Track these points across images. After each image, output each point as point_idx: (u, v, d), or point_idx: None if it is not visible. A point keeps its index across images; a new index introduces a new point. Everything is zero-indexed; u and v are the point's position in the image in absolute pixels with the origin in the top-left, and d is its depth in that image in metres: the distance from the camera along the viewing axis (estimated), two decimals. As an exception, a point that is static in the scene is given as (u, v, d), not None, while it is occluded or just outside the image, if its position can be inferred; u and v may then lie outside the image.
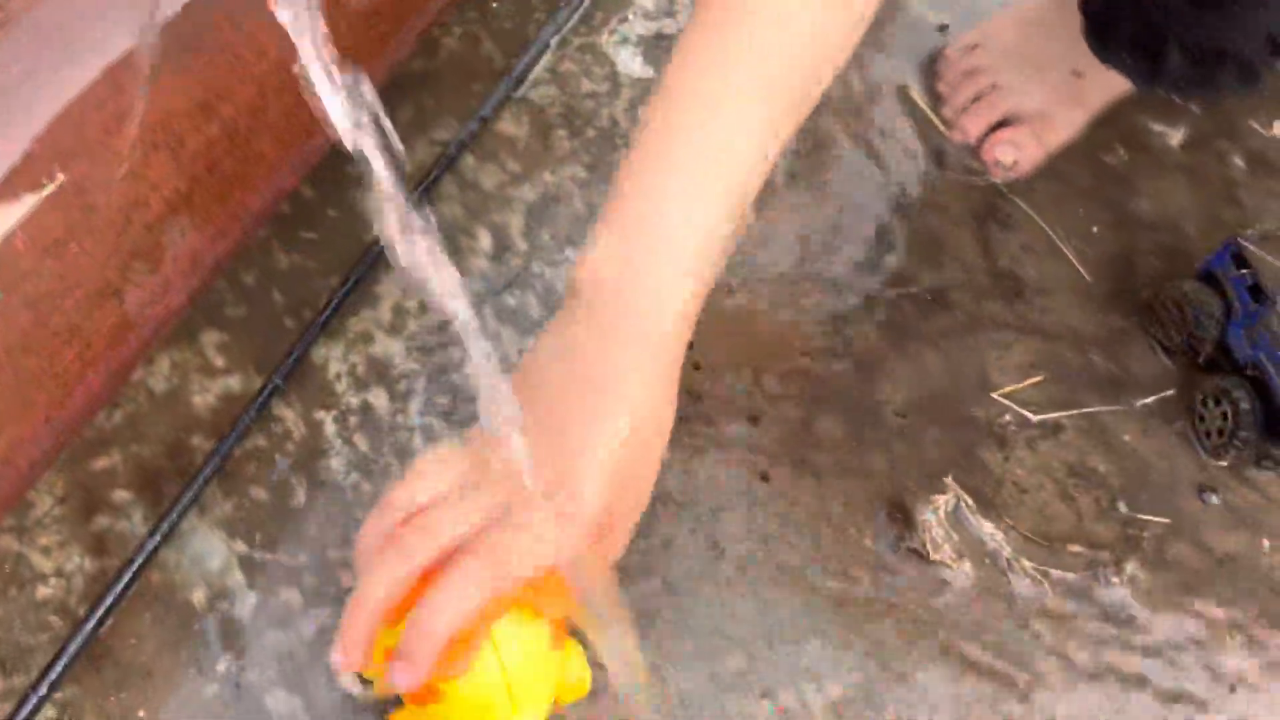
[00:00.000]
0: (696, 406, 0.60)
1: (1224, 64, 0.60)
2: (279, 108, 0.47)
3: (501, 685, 0.43)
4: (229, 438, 0.54)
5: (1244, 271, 0.60)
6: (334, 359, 0.60)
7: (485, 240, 0.65)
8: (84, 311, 0.41)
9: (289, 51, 0.37)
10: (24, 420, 0.40)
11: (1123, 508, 0.59)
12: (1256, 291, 0.59)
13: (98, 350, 0.42)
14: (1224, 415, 0.58)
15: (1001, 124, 0.70)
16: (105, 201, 0.41)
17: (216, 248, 0.47)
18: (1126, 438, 0.62)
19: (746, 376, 0.62)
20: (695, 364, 0.62)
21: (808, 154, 0.70)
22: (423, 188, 0.65)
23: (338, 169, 0.58)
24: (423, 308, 0.62)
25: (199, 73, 0.43)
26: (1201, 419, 0.60)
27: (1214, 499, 0.59)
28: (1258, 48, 0.60)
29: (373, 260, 0.62)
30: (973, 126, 0.70)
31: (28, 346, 0.39)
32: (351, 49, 0.49)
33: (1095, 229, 0.69)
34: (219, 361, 0.59)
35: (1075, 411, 0.62)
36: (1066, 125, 0.71)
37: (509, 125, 0.69)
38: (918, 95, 0.73)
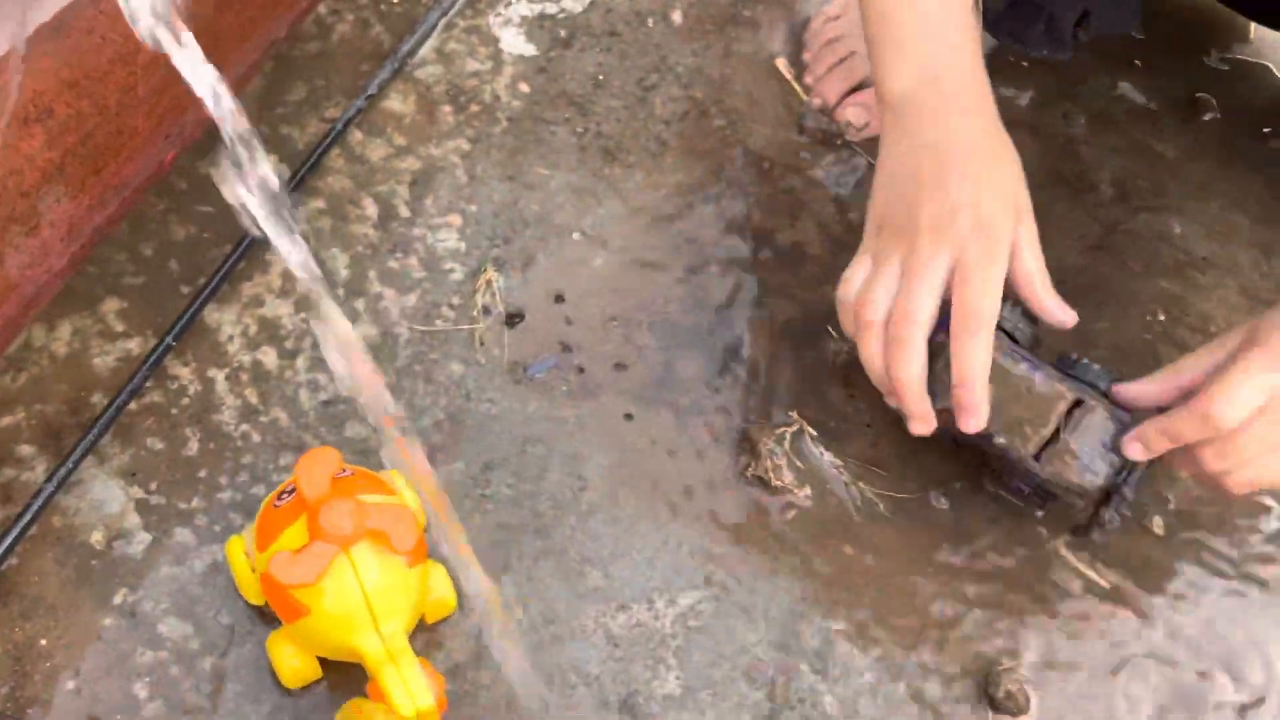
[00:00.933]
0: (567, 357, 0.65)
1: (1037, 19, 0.65)
2: (149, 85, 0.51)
3: (361, 600, 0.48)
4: (124, 391, 0.58)
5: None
6: (227, 322, 0.64)
7: (371, 208, 0.69)
8: None
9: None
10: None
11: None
12: None
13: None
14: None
15: (858, 89, 0.76)
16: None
17: (95, 216, 0.51)
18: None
19: (614, 328, 0.67)
20: (567, 318, 0.67)
21: (679, 121, 0.75)
22: (313, 161, 0.69)
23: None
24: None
25: (68, 54, 0.48)
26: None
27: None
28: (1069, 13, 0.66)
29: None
30: (830, 92, 0.75)
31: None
32: (223, 29, 0.54)
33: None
34: (119, 327, 0.63)
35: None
36: None
37: (395, 102, 0.74)
38: (784, 66, 0.79)
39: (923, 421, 0.55)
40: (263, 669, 0.54)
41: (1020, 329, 0.57)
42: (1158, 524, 0.63)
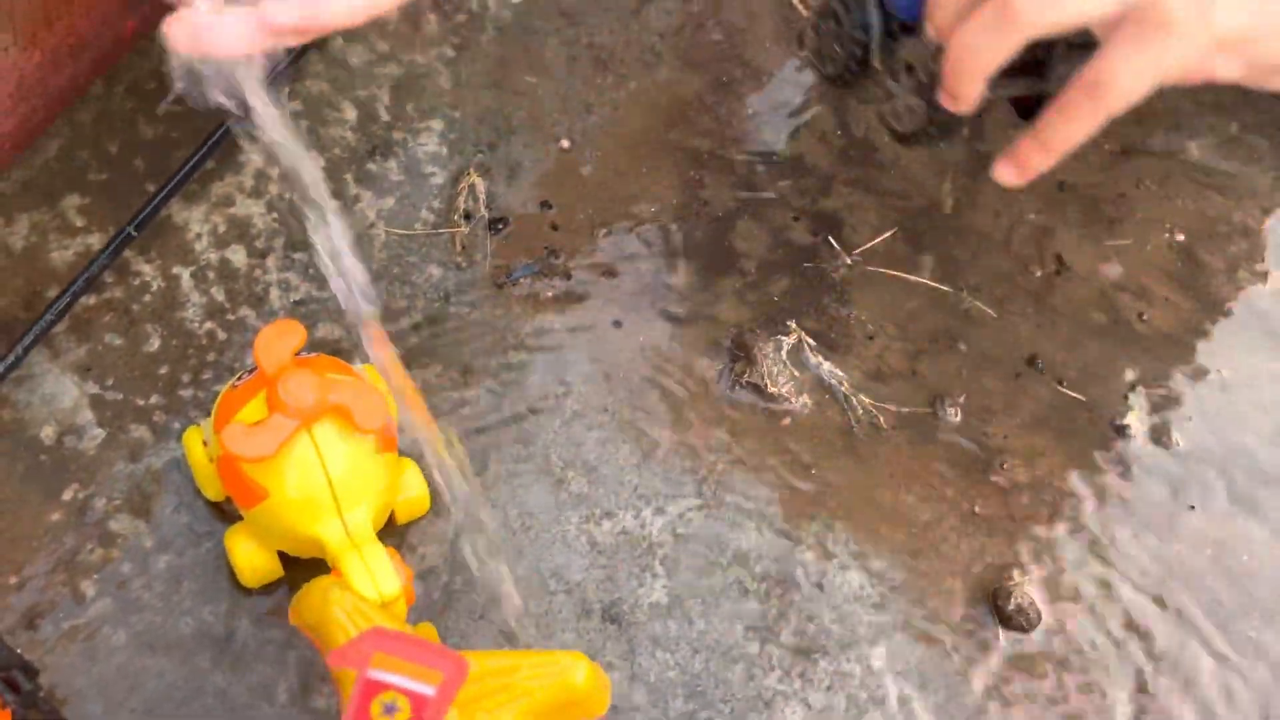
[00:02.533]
0: (553, 263, 0.62)
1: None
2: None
3: (324, 483, 0.45)
4: (77, 281, 0.55)
5: None
6: (195, 220, 0.61)
7: (350, 112, 0.66)
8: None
9: None
10: None
11: (963, 348, 0.61)
12: None
13: None
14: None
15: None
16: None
17: (48, 78, 0.48)
18: (972, 292, 0.64)
19: (603, 236, 0.63)
20: (553, 224, 0.64)
21: (676, 33, 0.72)
22: (290, 62, 0.66)
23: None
24: (283, 176, 0.63)
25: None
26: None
27: (1039, 364, 0.61)
28: None
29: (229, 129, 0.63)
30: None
31: None
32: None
33: (951, 102, 0.72)
34: (79, 222, 0.60)
35: (919, 279, 0.64)
36: None
37: (379, 8, 0.71)
38: (783, -19, 0.76)
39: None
40: (221, 569, 0.50)
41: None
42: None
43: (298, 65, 0.67)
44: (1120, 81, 0.35)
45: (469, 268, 0.61)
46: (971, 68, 0.37)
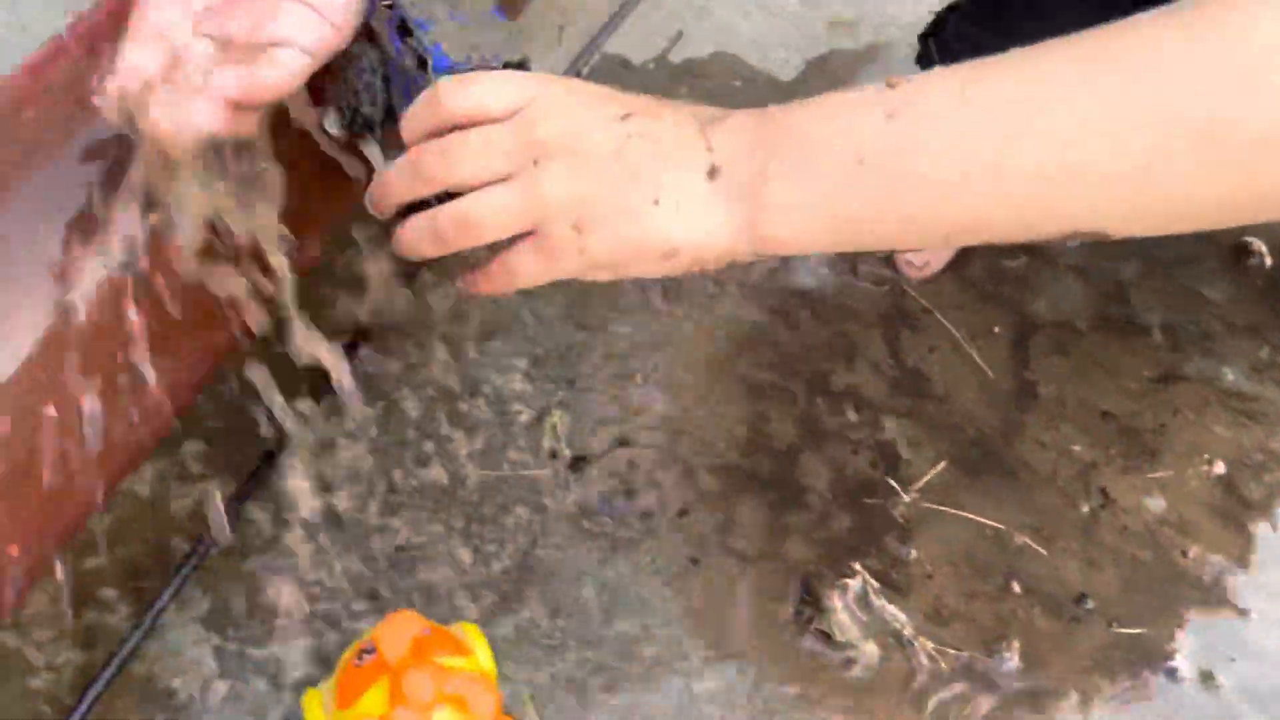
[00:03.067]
0: (632, 502, 0.67)
1: None
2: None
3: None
4: (205, 540, 0.60)
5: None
6: (300, 465, 0.66)
7: (441, 351, 0.72)
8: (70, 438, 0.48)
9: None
10: (30, 537, 0.47)
11: (1017, 589, 0.65)
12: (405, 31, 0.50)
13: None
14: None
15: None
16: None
17: (194, 375, 0.54)
18: (1022, 528, 0.68)
19: (677, 473, 0.68)
20: (630, 461, 0.68)
21: (730, 264, 0.78)
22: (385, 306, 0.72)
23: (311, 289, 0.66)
24: (382, 418, 0.68)
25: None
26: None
27: (1089, 603, 0.65)
28: None
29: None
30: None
31: (29, 473, 0.46)
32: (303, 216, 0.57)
33: (996, 329, 0.76)
34: (197, 469, 0.65)
35: (971, 515, 0.69)
36: None
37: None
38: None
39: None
40: (335, 824, 0.54)
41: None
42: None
43: (390, 302, 0.73)
44: (522, 271, 0.45)
45: (554, 507, 0.66)
46: (394, 192, 0.46)
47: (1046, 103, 0.38)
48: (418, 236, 0.45)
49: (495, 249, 0.46)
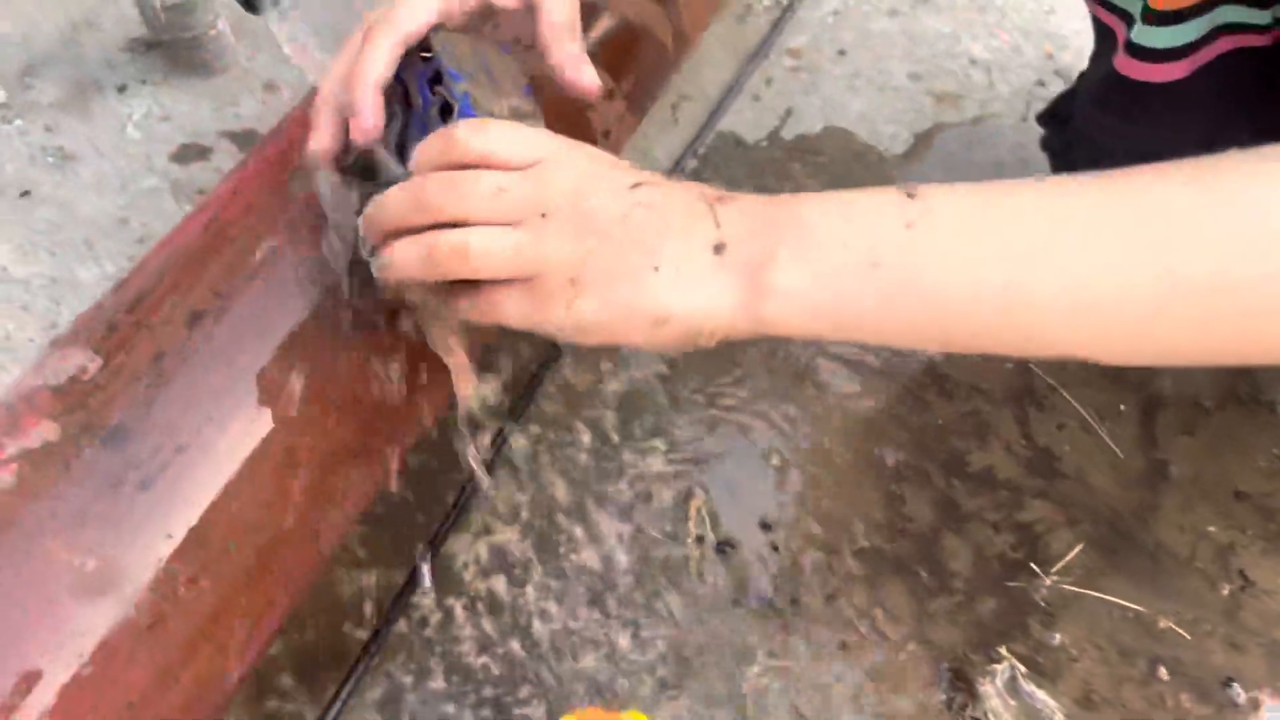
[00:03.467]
0: (780, 586, 0.68)
1: None
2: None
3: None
4: (382, 629, 0.62)
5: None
6: (460, 549, 0.68)
7: (585, 434, 0.74)
8: (292, 551, 0.50)
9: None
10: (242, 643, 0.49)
11: (1163, 674, 0.66)
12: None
13: (300, 585, 0.51)
14: None
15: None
16: (307, 459, 0.50)
17: (373, 479, 0.56)
18: (1164, 611, 0.69)
19: (820, 556, 0.70)
20: (773, 545, 0.70)
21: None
22: (529, 393, 0.75)
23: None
24: (533, 502, 0.71)
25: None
26: None
27: (1236, 687, 0.66)
28: None
29: (494, 459, 0.71)
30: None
31: (251, 586, 0.49)
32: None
33: (1123, 407, 0.78)
34: (363, 554, 0.68)
35: (1114, 598, 0.69)
36: None
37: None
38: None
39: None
40: None
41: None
42: None
43: (534, 394, 0.75)
44: (506, 310, 0.45)
45: (705, 593, 0.68)
46: (390, 215, 0.46)
47: (1062, 238, 0.40)
48: (409, 255, 0.45)
49: (439, 291, 0.47)
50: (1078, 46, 1.02)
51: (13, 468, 0.45)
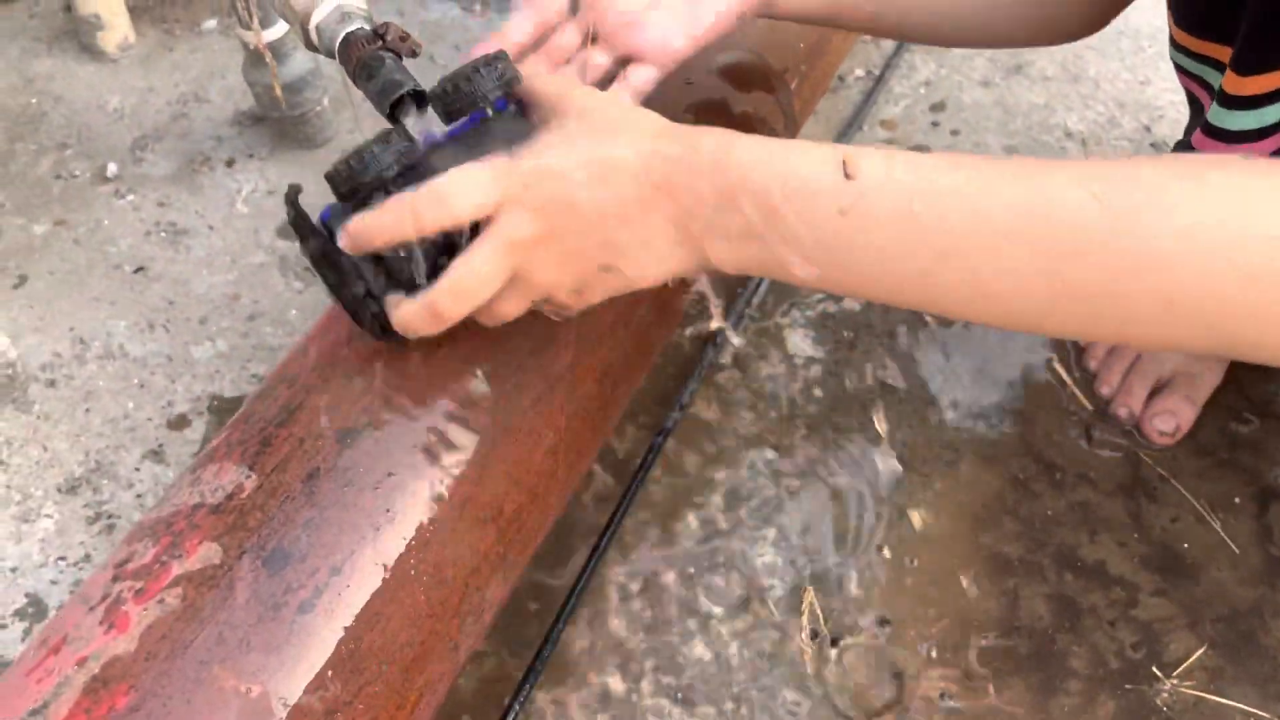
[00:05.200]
0: (900, 688, 0.68)
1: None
2: (564, 465, 0.57)
3: None
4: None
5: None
6: (577, 641, 0.69)
7: (693, 521, 0.74)
8: (435, 665, 0.50)
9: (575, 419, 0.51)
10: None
11: (1293, 784, 0.65)
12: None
13: (440, 693, 0.52)
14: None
15: (1152, 393, 0.78)
16: (452, 574, 0.51)
17: (508, 588, 0.57)
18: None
19: (937, 654, 0.69)
20: (890, 639, 0.69)
21: (971, 428, 0.79)
22: (640, 478, 0.75)
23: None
24: (644, 591, 0.71)
25: (510, 453, 0.54)
26: None
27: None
28: None
29: (605, 545, 0.71)
30: (1134, 402, 0.78)
31: (397, 697, 0.49)
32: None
33: (1237, 499, 0.76)
34: (479, 646, 0.68)
35: (1238, 704, 0.68)
36: (1210, 378, 0.79)
37: (701, 409, 0.79)
38: (1063, 372, 0.82)
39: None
40: None
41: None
42: None
43: (645, 481, 0.75)
44: (502, 311, 0.51)
45: (822, 692, 0.67)
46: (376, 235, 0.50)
47: (975, 241, 0.45)
48: (412, 320, 0.49)
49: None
50: (1173, 118, 1.01)
51: (178, 591, 0.46)
